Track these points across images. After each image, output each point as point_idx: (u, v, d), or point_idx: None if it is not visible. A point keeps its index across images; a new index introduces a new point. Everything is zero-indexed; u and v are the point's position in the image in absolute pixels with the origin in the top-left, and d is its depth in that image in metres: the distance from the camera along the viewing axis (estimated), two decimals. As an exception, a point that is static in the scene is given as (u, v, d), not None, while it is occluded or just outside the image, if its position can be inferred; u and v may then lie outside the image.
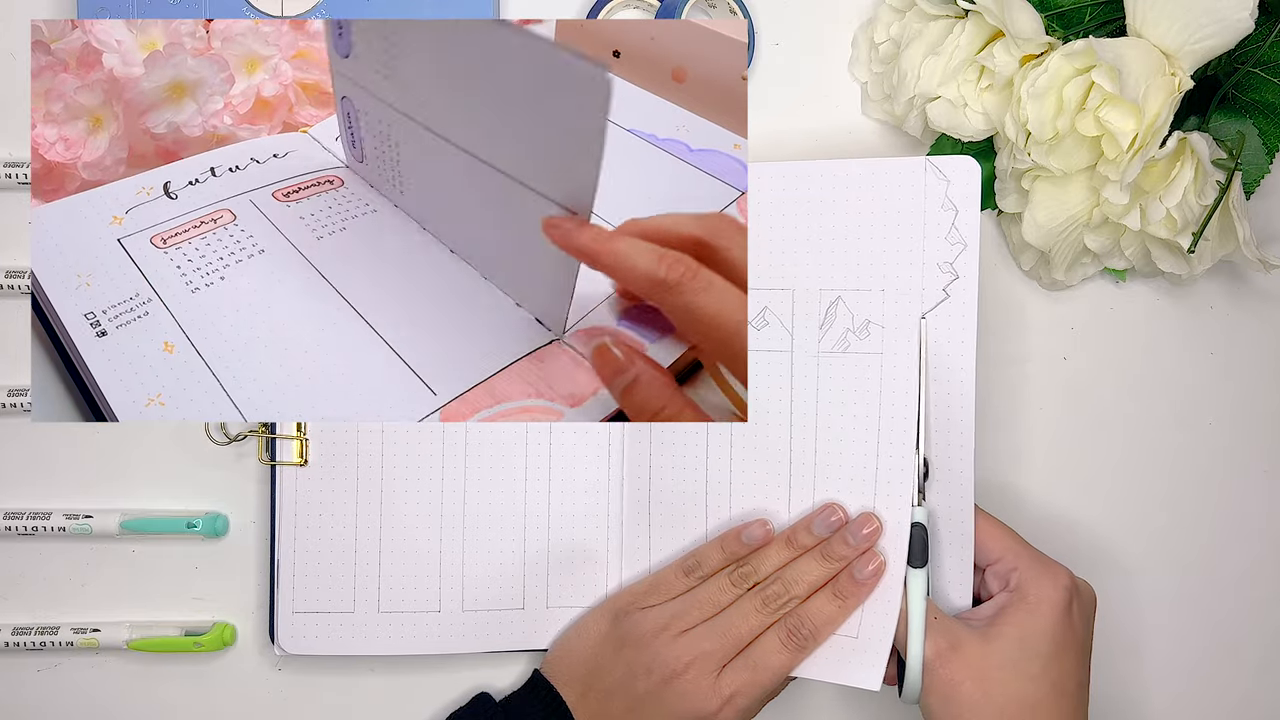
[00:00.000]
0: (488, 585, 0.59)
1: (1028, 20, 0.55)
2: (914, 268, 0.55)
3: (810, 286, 0.57)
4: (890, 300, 0.56)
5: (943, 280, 0.55)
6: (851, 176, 0.56)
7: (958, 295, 0.55)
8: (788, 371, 0.57)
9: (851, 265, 0.56)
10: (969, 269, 0.55)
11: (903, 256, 0.56)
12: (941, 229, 0.55)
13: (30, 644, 0.60)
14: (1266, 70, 0.56)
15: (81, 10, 0.59)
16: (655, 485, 0.59)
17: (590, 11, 0.61)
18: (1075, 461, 0.63)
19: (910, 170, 0.55)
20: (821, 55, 0.62)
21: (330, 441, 0.59)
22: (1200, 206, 0.55)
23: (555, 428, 0.60)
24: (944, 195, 0.55)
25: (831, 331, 0.57)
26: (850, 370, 0.56)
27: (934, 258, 0.55)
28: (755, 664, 0.54)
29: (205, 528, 0.61)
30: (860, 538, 0.54)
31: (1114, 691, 0.63)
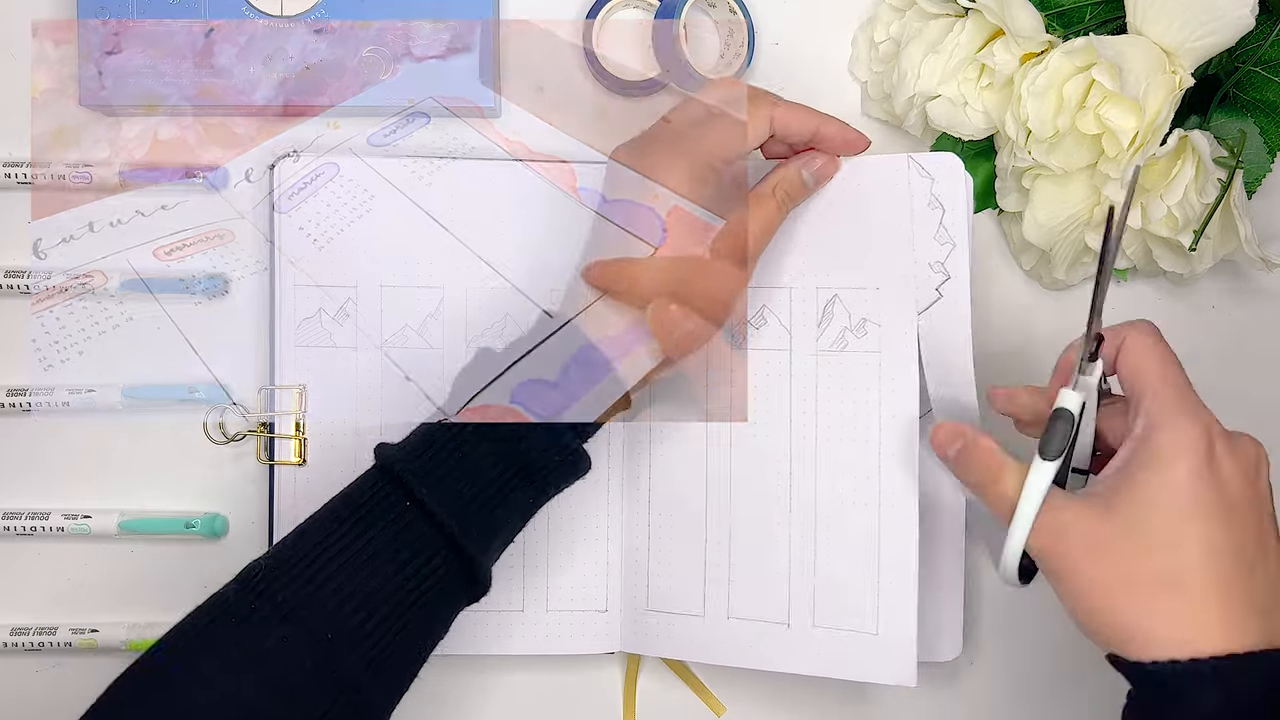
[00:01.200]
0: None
1: (1028, 18, 0.55)
2: (906, 266, 0.55)
3: (807, 285, 0.57)
4: (886, 299, 0.56)
5: (935, 280, 0.55)
6: (838, 174, 0.56)
7: (950, 295, 0.55)
8: (787, 370, 0.57)
9: (846, 264, 0.56)
10: (960, 269, 0.54)
11: (895, 255, 0.55)
12: (930, 228, 0.55)
13: (29, 644, 0.60)
14: (1268, 69, 0.56)
15: (81, 11, 0.59)
16: (655, 485, 0.59)
17: (590, 11, 0.61)
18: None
19: (893, 167, 0.55)
20: (821, 54, 0.62)
21: (329, 442, 0.59)
22: (1201, 205, 0.55)
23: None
24: (929, 193, 0.55)
25: (829, 330, 0.57)
26: (849, 369, 0.56)
27: (925, 257, 0.55)
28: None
29: (204, 528, 0.60)
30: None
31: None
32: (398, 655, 0.47)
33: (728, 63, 0.62)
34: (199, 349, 0.62)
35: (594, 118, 0.62)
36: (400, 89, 0.59)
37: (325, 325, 0.59)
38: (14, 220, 0.61)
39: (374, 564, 0.47)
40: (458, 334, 0.60)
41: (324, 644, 0.45)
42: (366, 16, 0.59)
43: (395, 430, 0.59)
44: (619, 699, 0.62)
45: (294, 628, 0.45)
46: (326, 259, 0.59)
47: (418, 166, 0.60)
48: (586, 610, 0.59)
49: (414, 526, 0.48)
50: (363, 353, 0.59)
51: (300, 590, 0.46)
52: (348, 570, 0.46)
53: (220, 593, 0.47)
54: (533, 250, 0.60)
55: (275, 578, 0.46)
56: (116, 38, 0.59)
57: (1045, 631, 0.62)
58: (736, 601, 0.57)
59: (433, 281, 0.60)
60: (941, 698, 0.62)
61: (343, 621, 0.45)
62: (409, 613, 0.47)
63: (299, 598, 0.45)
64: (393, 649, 0.46)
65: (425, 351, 0.60)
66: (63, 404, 0.60)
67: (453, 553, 0.48)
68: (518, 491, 0.50)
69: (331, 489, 0.59)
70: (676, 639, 0.58)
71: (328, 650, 0.45)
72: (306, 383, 0.59)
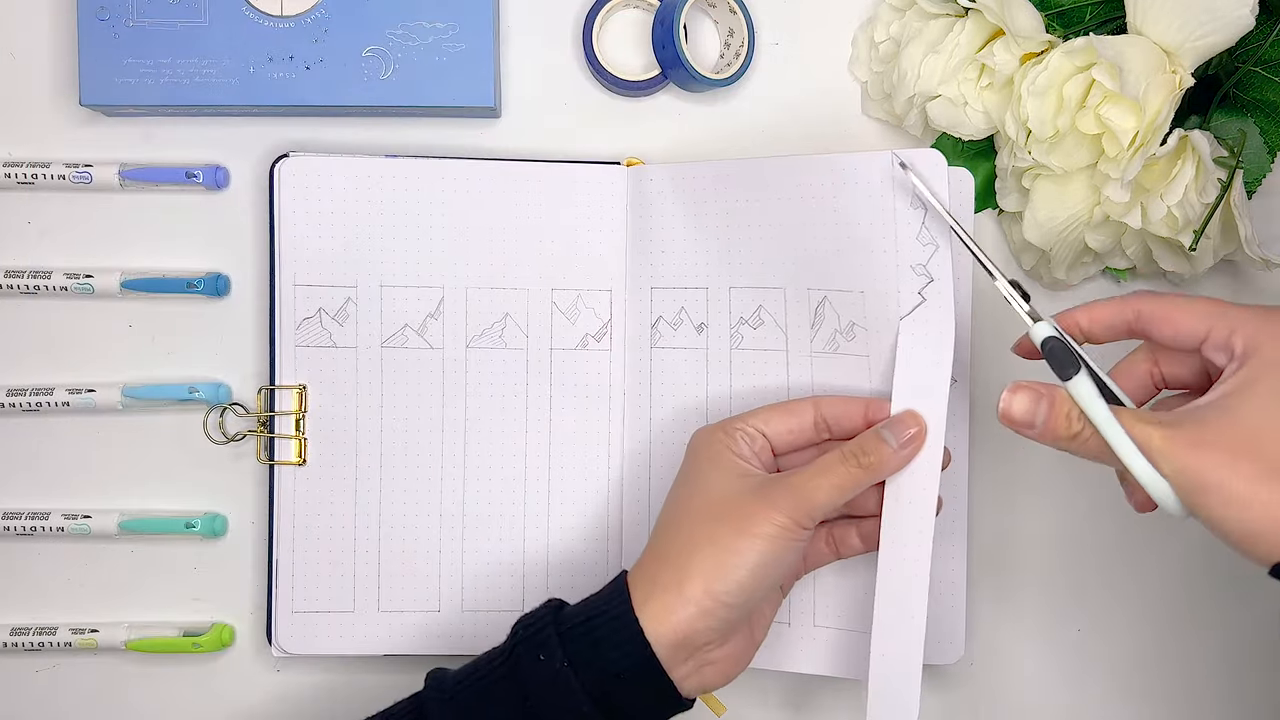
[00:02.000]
0: (487, 585, 0.59)
1: (1028, 18, 0.55)
2: (889, 269, 0.53)
3: (799, 286, 0.57)
4: (870, 302, 0.54)
5: (917, 283, 0.53)
6: (818, 171, 0.54)
7: (934, 299, 0.53)
8: (784, 371, 0.57)
9: (833, 266, 0.55)
10: (943, 271, 0.52)
11: (877, 257, 0.54)
12: (912, 229, 0.53)
13: (28, 644, 0.60)
14: (1268, 69, 0.56)
15: (81, 10, 0.59)
16: (655, 485, 0.59)
17: (589, 12, 0.61)
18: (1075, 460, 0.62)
19: (875, 165, 0.53)
20: (821, 54, 0.62)
21: (329, 441, 0.59)
22: (1201, 205, 0.55)
23: (554, 428, 0.60)
24: (912, 193, 0.52)
25: (822, 332, 0.56)
26: (841, 371, 0.56)
27: (907, 259, 0.53)
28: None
29: (204, 528, 0.60)
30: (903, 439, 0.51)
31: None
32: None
33: (727, 63, 0.62)
34: (199, 349, 0.62)
35: (594, 118, 0.62)
36: (400, 89, 0.59)
37: (325, 325, 0.59)
38: (14, 220, 0.62)
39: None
40: (458, 334, 0.60)
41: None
42: (366, 17, 0.59)
43: (394, 430, 0.59)
44: (619, 699, 0.62)
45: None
46: (326, 259, 0.59)
47: (418, 166, 0.60)
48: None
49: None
50: (363, 352, 0.59)
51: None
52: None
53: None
54: (533, 250, 0.60)
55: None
56: (116, 37, 0.59)
57: (1047, 634, 0.62)
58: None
59: (433, 281, 0.60)
60: (943, 700, 0.62)
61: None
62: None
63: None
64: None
65: (425, 351, 0.60)
66: (63, 404, 0.60)
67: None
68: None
69: (331, 489, 0.59)
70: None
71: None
72: (307, 383, 0.59)
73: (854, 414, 0.53)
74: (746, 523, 0.49)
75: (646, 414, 0.59)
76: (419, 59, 0.59)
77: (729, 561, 0.48)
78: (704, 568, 0.48)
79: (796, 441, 0.53)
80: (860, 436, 0.51)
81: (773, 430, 0.53)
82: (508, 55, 0.62)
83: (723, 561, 0.48)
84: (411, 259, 0.59)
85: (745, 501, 0.50)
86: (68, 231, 0.62)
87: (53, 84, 0.62)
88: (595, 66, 0.61)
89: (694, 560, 0.49)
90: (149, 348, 0.62)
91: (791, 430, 0.53)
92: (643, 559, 0.51)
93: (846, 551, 0.54)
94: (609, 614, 0.49)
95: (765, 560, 0.48)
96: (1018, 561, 0.62)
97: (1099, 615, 0.62)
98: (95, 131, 0.62)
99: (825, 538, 0.54)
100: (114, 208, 0.62)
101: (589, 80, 0.62)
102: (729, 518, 0.49)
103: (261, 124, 0.62)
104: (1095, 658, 0.62)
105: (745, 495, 0.50)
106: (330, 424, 0.59)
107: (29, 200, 0.62)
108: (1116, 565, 0.62)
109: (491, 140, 0.62)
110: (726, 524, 0.49)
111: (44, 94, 0.62)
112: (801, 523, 0.49)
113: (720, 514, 0.50)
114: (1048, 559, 0.62)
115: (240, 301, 0.62)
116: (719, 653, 0.50)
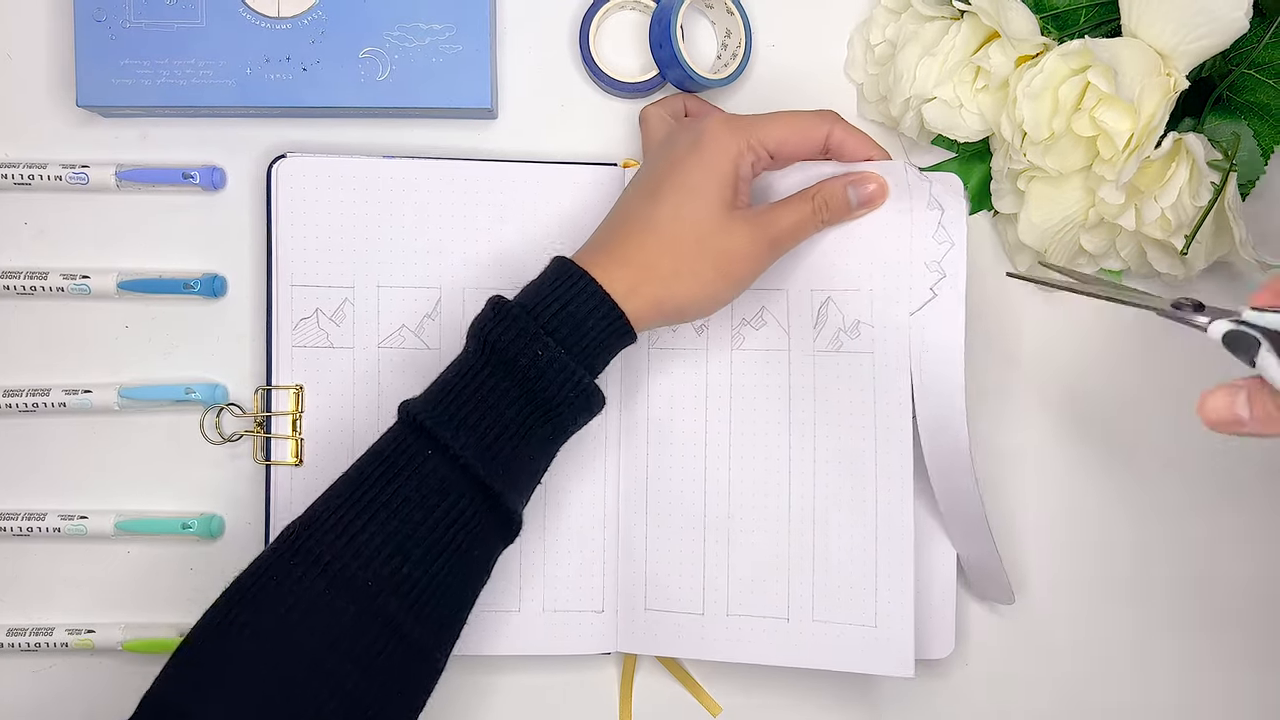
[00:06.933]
0: (485, 588, 0.59)
1: (1023, 21, 0.55)
2: (901, 267, 0.55)
3: (802, 287, 0.57)
4: (878, 300, 0.56)
5: (930, 279, 0.55)
6: (824, 175, 0.55)
7: (945, 294, 0.55)
8: (785, 370, 0.58)
9: (840, 266, 0.56)
10: (956, 267, 0.54)
11: (890, 256, 0.55)
12: (929, 228, 0.55)
13: (25, 645, 0.60)
14: (1261, 72, 0.56)
15: (79, 11, 0.59)
16: (653, 484, 0.59)
17: (586, 13, 0.61)
18: (1071, 461, 0.63)
19: (891, 172, 0.55)
20: (817, 57, 0.62)
21: (325, 441, 0.59)
22: (1195, 207, 0.55)
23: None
24: (929, 194, 0.55)
25: (824, 331, 0.57)
26: (844, 369, 0.57)
27: (921, 256, 0.55)
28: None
29: (200, 529, 0.60)
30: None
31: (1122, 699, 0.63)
32: (438, 598, 0.48)
33: (724, 64, 0.62)
34: (196, 349, 0.62)
35: (590, 119, 0.62)
36: (397, 90, 0.59)
37: (322, 325, 0.59)
38: (11, 221, 0.62)
39: (404, 511, 0.48)
40: (454, 334, 0.60)
41: (364, 591, 0.46)
42: (363, 18, 0.59)
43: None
44: (615, 699, 0.62)
45: (333, 579, 0.46)
46: (323, 259, 0.59)
47: (415, 167, 0.60)
48: (583, 611, 0.59)
49: (439, 472, 0.48)
50: (360, 353, 0.60)
51: (335, 543, 0.47)
52: (379, 520, 0.47)
53: (259, 558, 0.48)
54: (530, 250, 0.60)
55: (310, 535, 0.47)
56: (113, 39, 0.59)
57: (1037, 629, 0.62)
58: (735, 599, 0.58)
59: (430, 282, 0.60)
60: (934, 696, 0.62)
61: (379, 568, 0.47)
62: (444, 556, 0.48)
63: (334, 550, 0.47)
64: (432, 592, 0.48)
65: (422, 352, 0.60)
66: (59, 404, 0.60)
67: (480, 494, 0.49)
68: (537, 429, 0.50)
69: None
70: (676, 637, 0.58)
71: (369, 597, 0.46)
72: (303, 383, 0.59)
73: (860, 152, 0.55)
74: (731, 266, 0.52)
75: (645, 414, 0.59)
76: (416, 60, 0.59)
77: (719, 297, 0.53)
78: (691, 297, 0.52)
79: (797, 156, 0.55)
80: (830, 188, 0.54)
81: (784, 152, 0.54)
82: (504, 57, 0.62)
83: (710, 294, 0.52)
84: (408, 260, 0.59)
85: (735, 243, 0.52)
86: (64, 232, 0.62)
87: (49, 85, 0.62)
88: (592, 68, 0.61)
89: (677, 288, 0.52)
90: (145, 348, 0.62)
91: (800, 149, 0.55)
92: (609, 251, 0.52)
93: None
94: (585, 305, 0.51)
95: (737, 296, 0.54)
96: (1012, 558, 0.62)
97: (1094, 611, 0.62)
98: (92, 132, 0.62)
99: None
100: (111, 208, 0.62)
101: (585, 81, 0.63)
102: (717, 260, 0.52)
103: (258, 125, 0.62)
104: (1090, 654, 0.63)
105: (736, 236, 0.52)
106: (327, 424, 0.59)
107: (26, 201, 0.62)
108: (1109, 560, 0.62)
109: (488, 141, 0.62)
110: (707, 261, 0.52)
111: (41, 95, 0.62)
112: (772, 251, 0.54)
113: (705, 251, 0.52)
114: (1043, 556, 0.62)
115: (237, 302, 0.62)
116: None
